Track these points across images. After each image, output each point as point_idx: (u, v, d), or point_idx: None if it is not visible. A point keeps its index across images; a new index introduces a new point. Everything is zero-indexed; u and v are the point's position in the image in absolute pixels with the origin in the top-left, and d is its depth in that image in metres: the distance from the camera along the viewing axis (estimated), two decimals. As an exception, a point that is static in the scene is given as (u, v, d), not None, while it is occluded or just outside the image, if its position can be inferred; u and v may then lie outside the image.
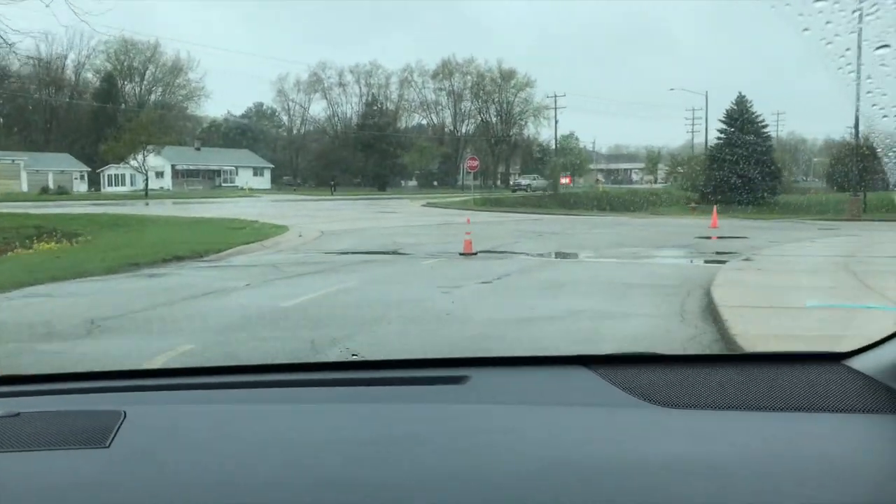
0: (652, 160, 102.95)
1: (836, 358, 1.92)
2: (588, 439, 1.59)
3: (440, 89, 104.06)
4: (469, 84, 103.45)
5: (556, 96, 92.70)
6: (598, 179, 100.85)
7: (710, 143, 57.76)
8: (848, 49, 1.69)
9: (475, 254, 17.38)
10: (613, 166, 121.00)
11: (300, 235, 22.87)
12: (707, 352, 7.05)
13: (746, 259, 15.63)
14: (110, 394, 1.98)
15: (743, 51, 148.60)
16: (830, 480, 1.37)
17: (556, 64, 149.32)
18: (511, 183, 78.87)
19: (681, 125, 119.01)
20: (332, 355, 7.08)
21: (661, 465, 1.44)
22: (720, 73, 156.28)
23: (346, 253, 18.35)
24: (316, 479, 1.48)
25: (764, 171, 48.50)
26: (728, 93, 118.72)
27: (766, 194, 48.39)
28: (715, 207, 28.02)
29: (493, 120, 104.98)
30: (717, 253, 18.18)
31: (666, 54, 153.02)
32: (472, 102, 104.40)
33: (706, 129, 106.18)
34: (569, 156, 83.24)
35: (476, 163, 48.69)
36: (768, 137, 50.40)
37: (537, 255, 18.16)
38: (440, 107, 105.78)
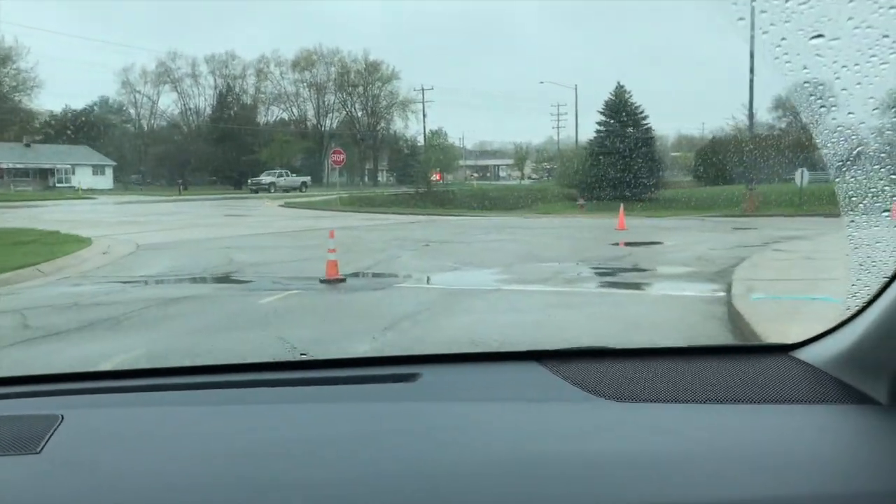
0: (520, 156, 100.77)
1: (783, 349, 1.92)
2: (541, 435, 1.56)
3: (301, 81, 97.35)
4: (333, 76, 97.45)
5: (423, 89, 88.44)
6: (471, 175, 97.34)
7: (587, 137, 54.57)
8: (784, 38, 1.59)
9: (343, 279, 12.07)
10: (482, 162, 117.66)
11: (105, 253, 16.71)
12: None
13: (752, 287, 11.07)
14: (48, 398, 1.88)
15: (598, 48, 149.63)
16: (779, 472, 1.37)
17: (424, 57, 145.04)
18: (251, 182, 69.80)
19: (546, 120, 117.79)
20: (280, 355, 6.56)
21: (614, 460, 1.42)
22: (579, 69, 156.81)
23: (158, 281, 12.53)
24: (262, 482, 1.40)
25: (648, 166, 45.63)
26: (594, 88, 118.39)
27: (651, 189, 45.59)
28: (622, 207, 23.88)
29: (359, 114, 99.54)
30: (687, 271, 13.59)
31: (532, 49, 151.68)
32: (336, 95, 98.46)
33: (576, 123, 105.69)
34: (438, 152, 78.81)
35: (342, 156, 42.99)
36: (649, 129, 47.52)
37: (432, 279, 12.96)
38: (302, 99, 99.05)
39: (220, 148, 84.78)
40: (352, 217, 32.10)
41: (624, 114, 46.29)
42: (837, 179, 1.89)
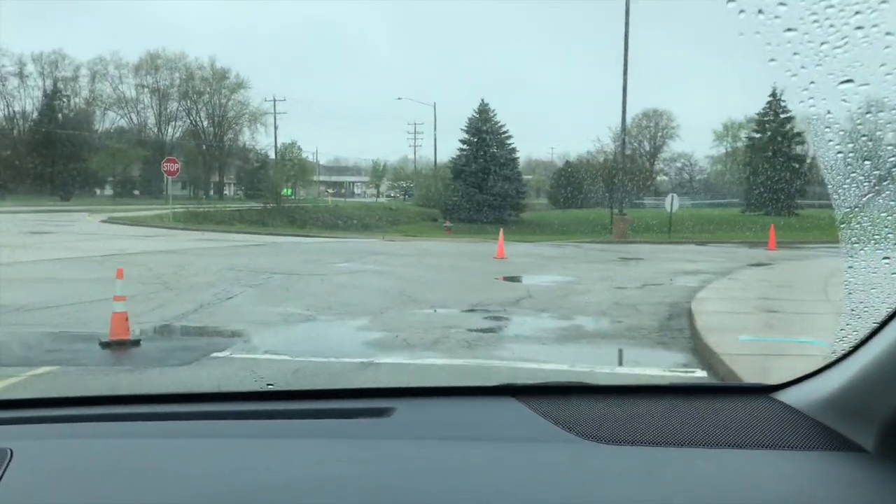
0: (377, 173, 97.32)
1: (764, 391, 1.85)
2: (520, 479, 1.47)
3: (142, 86, 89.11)
4: (177, 82, 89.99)
5: (275, 100, 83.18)
6: (327, 191, 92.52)
7: (446, 157, 51.56)
8: (812, 82, 1.56)
9: (135, 342, 7.95)
10: (337, 178, 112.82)
11: None
12: None
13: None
14: None
15: (454, 70, 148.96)
16: None
17: (276, 67, 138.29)
18: None
19: (403, 138, 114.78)
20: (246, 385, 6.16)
21: None
22: (436, 89, 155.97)
23: None
24: None
25: (513, 187, 43.20)
26: (452, 109, 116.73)
27: (514, 212, 43.15)
28: (501, 233, 20.68)
29: (205, 123, 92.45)
30: (620, 327, 10.23)
31: (388, 65, 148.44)
32: (179, 103, 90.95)
33: (435, 141, 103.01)
34: (291, 166, 73.79)
35: (176, 166, 37.48)
36: (513, 150, 45.13)
37: (273, 341, 8.91)
38: (142, 106, 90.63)
39: (45, 155, 75.48)
40: (184, 237, 27.11)
41: (488, 133, 43.70)
42: (843, 225, 1.80)
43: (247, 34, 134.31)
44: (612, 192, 39.22)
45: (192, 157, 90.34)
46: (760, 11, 1.52)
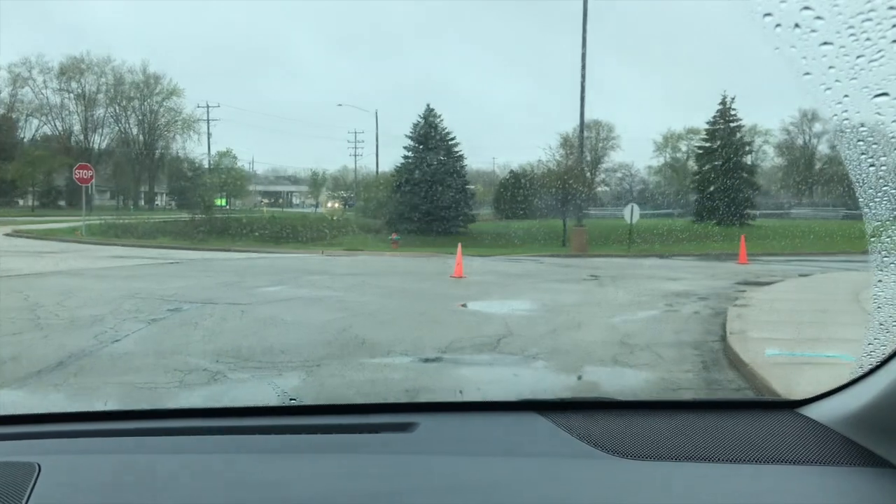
0: (316, 183, 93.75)
1: (790, 405, 1.81)
2: (543, 493, 1.44)
3: (67, 91, 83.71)
4: (104, 87, 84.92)
5: (208, 106, 79.16)
6: (262, 202, 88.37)
7: (389, 166, 48.48)
8: (846, 96, 1.55)
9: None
10: (275, 188, 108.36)
11: None
12: None
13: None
14: (18, 442, 1.74)
15: (394, 81, 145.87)
16: None
17: (212, 75, 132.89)
18: None
19: (344, 147, 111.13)
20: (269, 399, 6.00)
21: None
22: (380, 98, 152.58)
23: None
24: None
25: (462, 197, 40.47)
26: (394, 117, 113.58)
27: (463, 223, 40.43)
28: (459, 247, 17.85)
29: (135, 131, 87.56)
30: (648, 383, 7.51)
31: (327, 73, 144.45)
32: (107, 109, 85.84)
33: (377, 149, 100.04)
34: (224, 174, 69.74)
35: (90, 173, 33.55)
36: (461, 157, 42.40)
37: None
38: (67, 112, 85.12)
39: (-42, 163, 69.82)
40: (95, 253, 23.55)
41: (434, 140, 40.92)
42: (873, 239, 1.75)
43: (181, 40, 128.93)
44: (565, 203, 36.93)
45: (122, 166, 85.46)
46: (797, 25, 1.52)
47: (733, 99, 48.05)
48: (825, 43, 1.48)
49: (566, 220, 35.61)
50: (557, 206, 42.74)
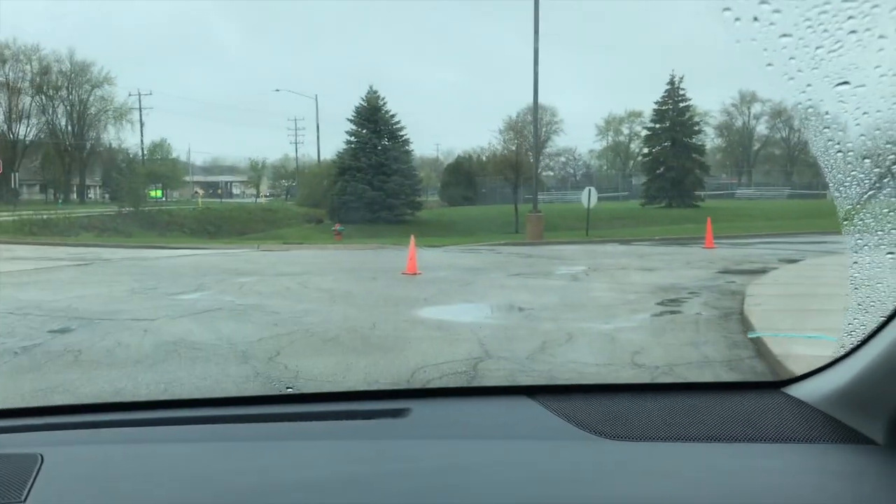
0: (256, 172, 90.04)
1: (775, 385, 1.83)
2: (538, 477, 1.43)
3: (-11, 80, 78.14)
4: (29, 75, 79.58)
5: (140, 94, 74.93)
6: (196, 192, 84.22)
7: (332, 154, 45.57)
8: (809, 85, 1.58)
9: None
10: (212, 178, 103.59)
11: None
12: None
13: None
14: (20, 434, 1.72)
15: (334, 67, 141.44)
16: None
17: (146, 62, 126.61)
18: None
19: (284, 135, 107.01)
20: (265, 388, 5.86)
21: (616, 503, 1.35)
22: (320, 84, 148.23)
23: None
24: None
25: (408, 184, 38.04)
26: (335, 104, 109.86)
27: (410, 211, 38.08)
28: (412, 239, 15.55)
29: (63, 121, 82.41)
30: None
31: (268, 60, 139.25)
32: (33, 98, 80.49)
33: (318, 136, 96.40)
34: (158, 165, 65.77)
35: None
36: (407, 142, 39.91)
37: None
38: (-13, 102, 79.48)
39: None
40: (-4, 254, 20.49)
41: (378, 123, 38.34)
42: (846, 222, 1.77)
43: (111, 27, 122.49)
44: (517, 188, 34.98)
45: (51, 158, 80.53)
46: (756, 19, 1.54)
47: (681, 78, 46.78)
48: (784, 35, 1.51)
49: (518, 205, 33.65)
50: (507, 191, 40.82)
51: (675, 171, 44.77)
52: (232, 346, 7.80)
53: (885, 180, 1.63)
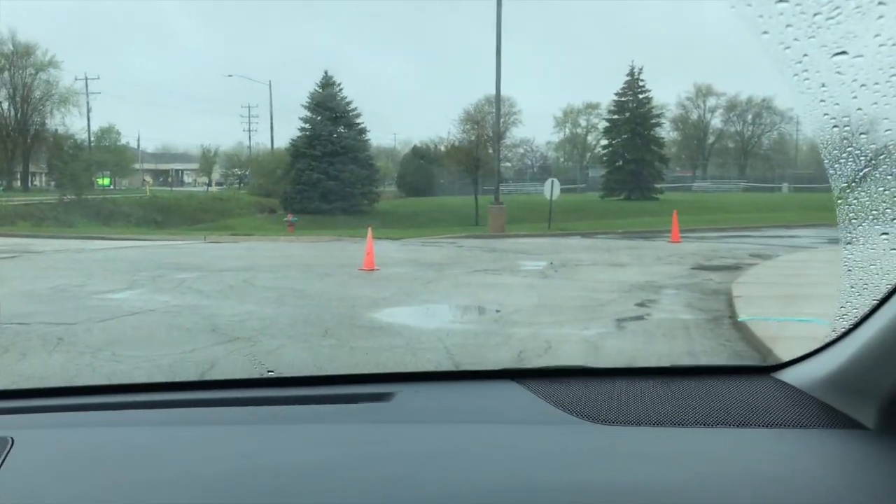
0: (207, 160, 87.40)
1: (766, 370, 1.79)
2: (524, 461, 1.39)
3: (-82, 61, 74.33)
4: (-33, 58, 75.93)
5: (87, 79, 72.00)
6: (146, 181, 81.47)
7: (286, 142, 43.88)
8: (805, 55, 1.49)
9: None
10: (163, 166, 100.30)
11: None
12: None
13: None
14: None
15: (288, 54, 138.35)
16: (766, 499, 1.26)
17: (94, 45, 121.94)
18: None
19: (237, 122, 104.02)
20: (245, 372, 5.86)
21: (602, 489, 1.30)
22: (273, 71, 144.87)
23: None
24: None
25: (364, 173, 36.73)
26: (290, 92, 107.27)
27: (366, 201, 36.82)
28: (370, 232, 14.42)
29: (5, 105, 78.88)
30: None
31: (221, 45, 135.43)
32: (-28, 82, 76.86)
33: (272, 123, 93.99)
34: (104, 152, 63.15)
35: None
36: (363, 130, 38.57)
37: None
38: (-79, 85, 75.64)
39: None
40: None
41: (334, 110, 36.95)
42: (840, 201, 1.69)
43: (56, 10, 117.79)
44: (478, 179, 33.99)
45: (-8, 144, 77.09)
46: None
47: (641, 69, 46.27)
48: (780, 0, 1.46)
49: (478, 197, 32.68)
50: (466, 182, 39.82)
51: (635, 164, 44.28)
52: (157, 360, 6.63)
53: (881, 157, 1.58)
